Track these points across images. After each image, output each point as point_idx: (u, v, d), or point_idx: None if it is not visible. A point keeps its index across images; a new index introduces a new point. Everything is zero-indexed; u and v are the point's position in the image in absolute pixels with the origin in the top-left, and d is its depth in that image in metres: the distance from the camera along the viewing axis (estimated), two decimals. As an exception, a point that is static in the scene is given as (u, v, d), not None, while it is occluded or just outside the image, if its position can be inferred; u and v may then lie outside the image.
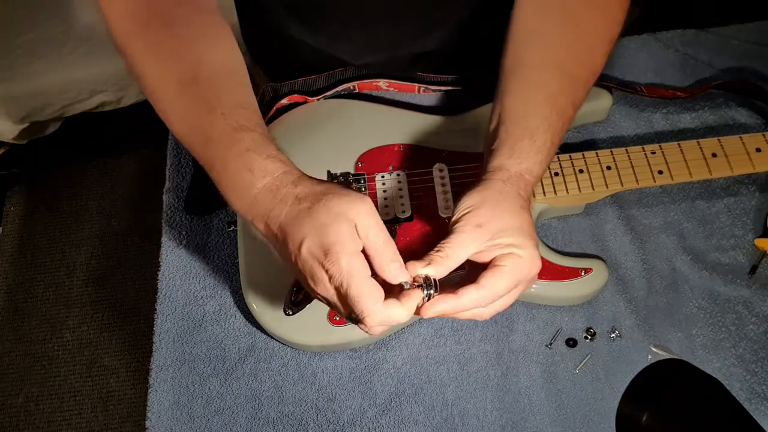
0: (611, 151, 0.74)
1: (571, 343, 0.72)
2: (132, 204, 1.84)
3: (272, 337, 0.72)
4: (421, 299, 0.50)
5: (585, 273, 0.70)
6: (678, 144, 0.74)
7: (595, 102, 0.79)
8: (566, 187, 0.72)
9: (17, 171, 1.90)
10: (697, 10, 1.38)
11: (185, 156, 0.85)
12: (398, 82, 0.83)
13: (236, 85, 0.58)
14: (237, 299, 0.75)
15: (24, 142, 1.69)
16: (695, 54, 0.89)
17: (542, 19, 0.63)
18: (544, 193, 0.72)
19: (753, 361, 0.70)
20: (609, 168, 0.73)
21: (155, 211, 0.83)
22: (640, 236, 0.77)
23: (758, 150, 0.73)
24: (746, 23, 0.91)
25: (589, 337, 0.72)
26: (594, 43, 0.61)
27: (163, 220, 0.81)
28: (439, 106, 0.85)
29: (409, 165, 0.75)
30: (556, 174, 0.73)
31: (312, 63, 0.81)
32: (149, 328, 0.75)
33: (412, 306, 0.50)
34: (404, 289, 0.50)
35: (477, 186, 0.56)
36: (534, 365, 0.71)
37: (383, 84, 0.83)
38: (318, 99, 0.82)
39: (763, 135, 0.74)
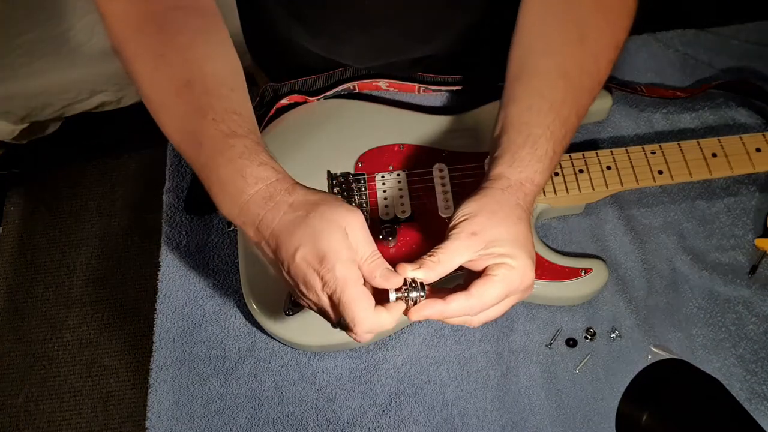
0: (611, 151, 0.74)
1: (571, 343, 0.72)
2: (132, 204, 1.84)
3: (272, 337, 0.72)
4: (405, 306, 0.51)
5: (585, 273, 0.70)
6: (678, 144, 0.74)
7: (595, 102, 0.79)
8: (566, 187, 0.72)
9: (17, 171, 1.90)
10: (697, 10, 1.38)
11: (185, 156, 0.85)
12: (398, 82, 0.83)
13: (229, 91, 0.58)
14: (237, 299, 0.75)
15: (24, 142, 1.70)
16: (695, 54, 0.89)
17: (547, 27, 0.63)
18: (544, 193, 0.72)
19: (753, 361, 0.70)
20: (609, 168, 0.73)
21: (155, 211, 0.83)
22: (640, 236, 0.77)
23: (758, 150, 0.73)
24: (746, 23, 0.91)
25: (589, 337, 0.72)
26: (599, 51, 0.61)
27: (163, 220, 0.81)
28: (439, 106, 0.85)
29: (409, 165, 0.75)
30: (556, 174, 0.73)
31: (313, 66, 0.81)
32: (149, 328, 0.75)
33: (397, 313, 0.51)
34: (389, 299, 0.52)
35: (476, 194, 0.56)
36: (534, 365, 0.71)
37: (383, 84, 0.83)
38: (318, 99, 0.82)
39: (763, 135, 0.74)
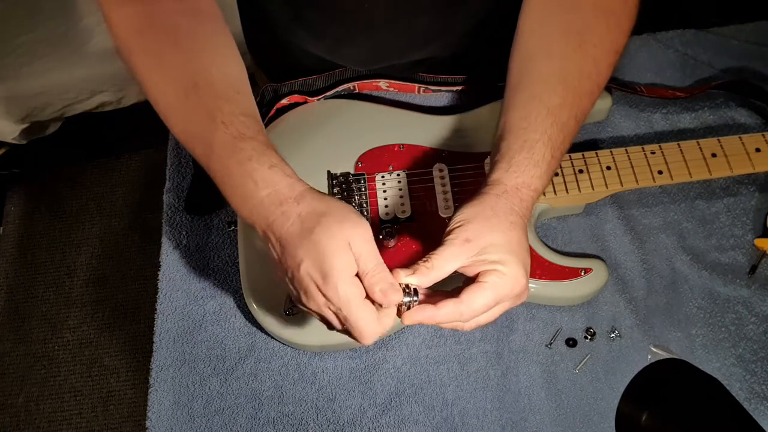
0: (611, 151, 0.74)
1: (571, 343, 0.72)
2: (132, 204, 1.84)
3: (272, 337, 0.73)
4: (401, 307, 0.53)
5: (585, 273, 0.70)
6: (678, 144, 0.74)
7: (596, 102, 0.79)
8: (566, 187, 0.72)
9: (17, 171, 1.90)
10: (697, 10, 1.38)
11: (185, 156, 0.85)
12: (398, 83, 0.83)
13: (236, 94, 0.59)
14: (237, 299, 0.75)
15: (24, 142, 1.70)
16: (695, 54, 0.89)
17: (547, 32, 0.63)
18: (544, 194, 0.72)
19: (752, 361, 0.70)
20: (609, 168, 0.73)
21: (155, 211, 0.83)
22: (640, 236, 0.77)
23: (758, 150, 0.73)
24: (746, 23, 0.91)
25: (589, 337, 0.72)
26: (599, 55, 0.61)
27: (164, 220, 0.81)
28: (439, 106, 0.85)
29: (409, 165, 0.75)
30: (556, 174, 0.73)
31: (314, 68, 0.81)
32: (149, 328, 0.75)
33: (391, 316, 0.53)
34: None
35: (473, 200, 0.57)
36: (534, 365, 0.71)
37: (383, 84, 0.84)
38: (318, 99, 0.82)
39: (763, 135, 0.74)
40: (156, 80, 0.59)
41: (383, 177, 0.75)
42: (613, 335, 0.72)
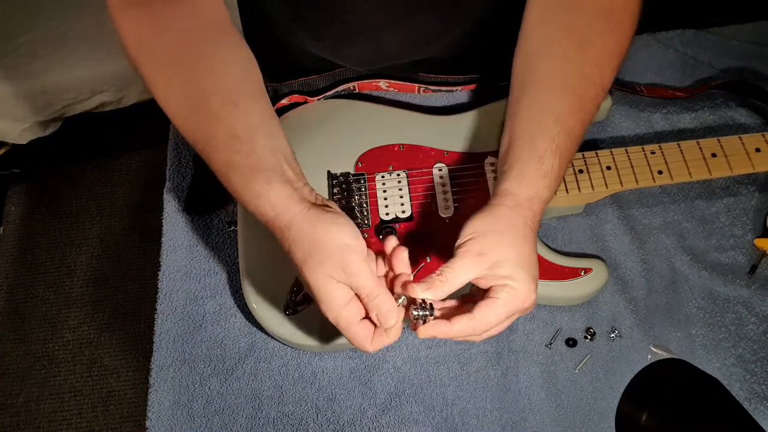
0: (611, 151, 0.74)
1: (571, 343, 0.72)
2: (132, 204, 1.84)
3: (272, 337, 0.73)
4: (417, 321, 0.55)
5: (585, 273, 0.70)
6: (677, 144, 0.74)
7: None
8: (566, 187, 0.72)
9: (17, 171, 1.90)
10: (697, 10, 1.38)
11: (185, 156, 0.85)
12: (398, 83, 0.83)
13: (233, 111, 0.59)
14: (237, 299, 0.76)
15: (24, 142, 1.70)
16: (695, 54, 0.89)
17: (550, 36, 0.63)
18: (544, 193, 0.72)
19: (752, 361, 0.70)
20: (609, 168, 0.73)
21: (155, 211, 0.83)
22: (640, 236, 0.77)
23: (758, 150, 0.73)
24: (746, 23, 0.91)
25: (589, 337, 0.72)
26: (602, 59, 0.61)
27: (164, 220, 0.81)
28: (439, 106, 0.85)
29: (409, 165, 0.75)
30: (556, 174, 0.73)
31: (315, 68, 0.81)
32: (149, 328, 0.75)
33: (398, 331, 0.55)
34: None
35: (485, 210, 0.57)
36: (534, 365, 0.71)
37: (383, 84, 0.84)
38: (318, 99, 0.82)
39: (763, 135, 0.74)
40: (162, 94, 0.61)
41: (383, 177, 0.75)
42: (613, 335, 0.72)
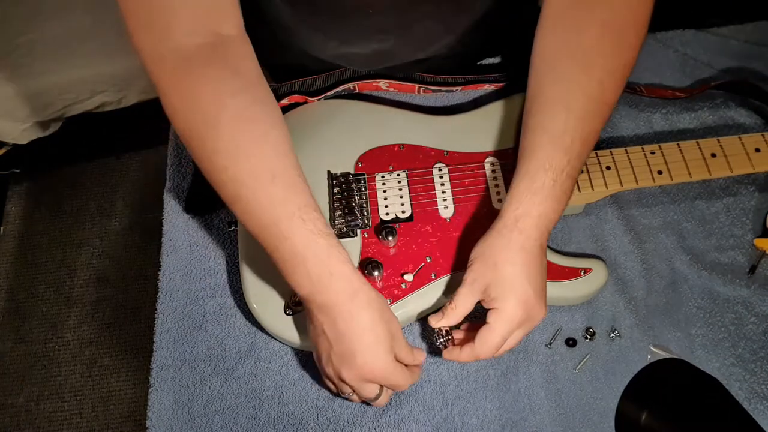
0: (611, 152, 0.74)
1: (571, 343, 0.72)
2: (132, 204, 1.85)
3: (272, 337, 0.73)
4: (440, 346, 0.65)
5: (585, 273, 0.70)
6: (677, 144, 0.74)
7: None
8: (566, 187, 0.72)
9: (17, 171, 1.91)
10: (697, 10, 1.38)
11: (185, 156, 0.85)
12: (398, 83, 0.83)
13: (305, 185, 0.61)
14: (237, 299, 0.76)
15: (24, 142, 1.70)
16: (695, 54, 0.89)
17: (556, 56, 0.65)
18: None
19: (752, 361, 0.70)
20: (608, 168, 0.73)
21: (155, 211, 0.83)
22: (640, 236, 0.77)
23: (757, 150, 0.73)
24: (746, 23, 0.91)
25: (589, 337, 0.72)
26: (605, 76, 0.63)
27: (164, 220, 0.81)
28: (439, 106, 0.85)
29: (409, 165, 0.76)
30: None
31: (318, 69, 0.81)
32: (150, 328, 0.75)
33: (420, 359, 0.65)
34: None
35: (483, 237, 0.63)
36: (534, 365, 0.71)
37: (383, 84, 0.84)
38: (318, 99, 0.82)
39: (763, 135, 0.74)
40: (224, 164, 0.59)
41: (383, 177, 0.75)
42: (613, 335, 0.72)
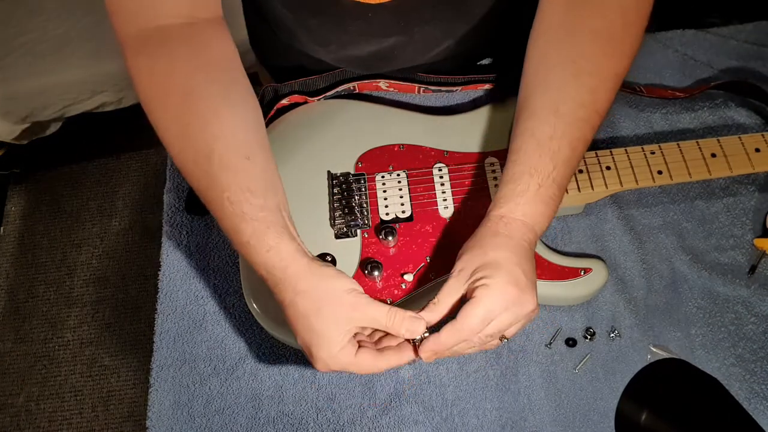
0: (610, 152, 0.74)
1: (571, 343, 0.72)
2: (132, 204, 1.85)
3: (272, 337, 0.73)
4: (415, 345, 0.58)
5: (585, 273, 0.70)
6: (677, 144, 0.74)
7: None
8: (566, 188, 0.72)
9: (18, 171, 1.91)
10: (697, 10, 1.39)
11: (186, 156, 0.85)
12: (398, 83, 0.83)
13: (246, 160, 0.60)
14: (237, 299, 0.76)
15: (25, 142, 1.70)
16: (694, 54, 0.89)
17: (546, 64, 0.64)
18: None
19: (752, 361, 0.70)
20: (608, 168, 0.73)
21: (155, 211, 0.84)
22: (640, 236, 0.77)
23: (757, 150, 0.73)
24: (746, 23, 0.91)
25: (589, 337, 0.72)
26: (596, 84, 0.62)
27: (164, 220, 0.81)
28: (439, 106, 0.85)
29: (409, 165, 0.76)
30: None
31: (318, 70, 0.82)
32: (150, 328, 0.75)
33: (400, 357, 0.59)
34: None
35: (470, 237, 0.61)
36: (533, 365, 0.71)
37: (383, 84, 0.84)
38: (318, 99, 0.82)
39: (762, 135, 0.74)
40: (172, 142, 0.61)
41: (383, 177, 0.75)
42: (613, 335, 0.72)
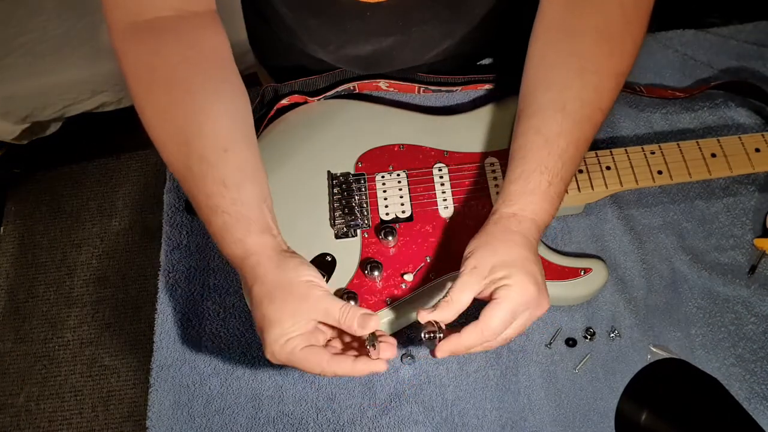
0: (611, 152, 0.74)
1: (571, 343, 0.72)
2: (132, 204, 1.85)
3: (272, 337, 0.73)
4: (430, 341, 0.57)
5: (585, 273, 0.70)
6: (677, 144, 0.74)
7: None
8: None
9: (18, 171, 1.91)
10: (697, 10, 1.39)
11: (186, 156, 0.85)
12: (398, 83, 0.83)
13: (224, 152, 0.60)
14: (237, 299, 0.76)
15: (25, 143, 1.70)
16: (694, 54, 0.89)
17: (549, 61, 0.65)
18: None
19: (752, 361, 0.70)
20: (608, 168, 0.73)
21: (155, 211, 0.84)
22: (640, 236, 0.77)
23: (757, 150, 0.73)
24: (746, 23, 0.91)
25: (589, 337, 0.72)
26: (600, 82, 0.63)
27: (164, 220, 0.81)
28: (439, 106, 0.85)
29: (409, 165, 0.76)
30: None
31: (318, 70, 0.82)
32: (150, 328, 0.75)
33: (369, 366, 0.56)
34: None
35: (477, 233, 0.61)
36: (533, 365, 0.71)
37: (383, 84, 0.84)
38: (318, 99, 0.82)
39: (762, 135, 0.74)
40: (155, 130, 0.62)
41: (383, 177, 0.75)
42: (613, 335, 0.72)
